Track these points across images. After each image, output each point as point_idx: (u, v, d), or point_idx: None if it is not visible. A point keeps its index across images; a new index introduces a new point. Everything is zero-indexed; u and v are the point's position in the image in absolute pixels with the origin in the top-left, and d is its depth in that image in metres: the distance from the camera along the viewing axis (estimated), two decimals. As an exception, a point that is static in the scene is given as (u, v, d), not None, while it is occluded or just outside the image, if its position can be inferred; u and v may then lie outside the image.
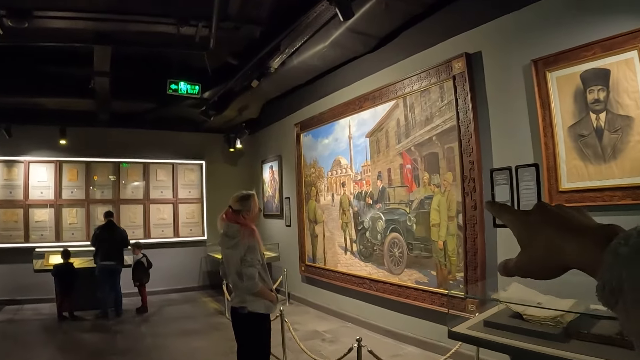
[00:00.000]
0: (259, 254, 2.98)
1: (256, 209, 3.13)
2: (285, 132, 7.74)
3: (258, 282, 2.89)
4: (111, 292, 6.40)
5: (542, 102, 3.45)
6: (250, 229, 2.98)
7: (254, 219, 3.10)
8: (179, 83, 5.27)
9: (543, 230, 0.52)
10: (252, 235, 2.96)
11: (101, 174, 8.32)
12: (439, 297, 4.26)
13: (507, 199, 3.70)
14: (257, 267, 2.92)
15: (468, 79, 4.00)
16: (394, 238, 4.96)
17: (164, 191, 8.75)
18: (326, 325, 5.65)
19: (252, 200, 3.10)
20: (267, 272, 3.07)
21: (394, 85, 4.96)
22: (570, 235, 0.49)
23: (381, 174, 5.23)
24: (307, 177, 7.04)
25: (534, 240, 0.53)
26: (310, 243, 6.85)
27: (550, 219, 0.52)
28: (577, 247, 0.48)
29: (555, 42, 3.35)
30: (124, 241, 6.65)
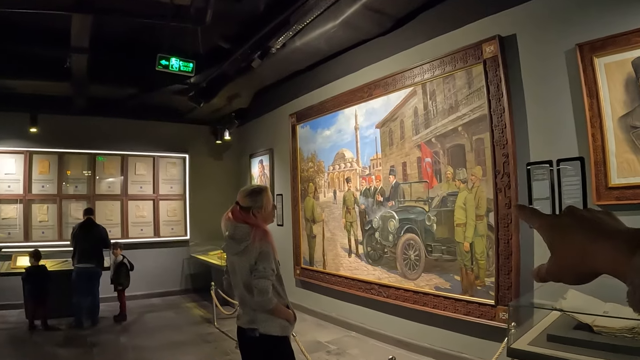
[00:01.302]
0: (274, 262, 2.54)
1: (270, 205, 2.67)
2: (278, 124, 7.47)
3: (272, 298, 2.45)
4: (87, 298, 6.02)
5: (589, 90, 3.30)
6: (262, 231, 2.55)
7: (267, 219, 2.67)
8: (170, 59, 4.90)
9: (573, 234, 0.53)
10: (265, 238, 2.53)
11: (75, 166, 7.92)
12: (465, 304, 4.07)
13: (547, 195, 3.52)
14: (272, 279, 2.48)
15: (502, 64, 3.80)
16: (409, 239, 4.74)
17: (144, 186, 8.43)
18: (328, 335, 5.39)
19: (265, 195, 2.66)
20: (282, 284, 2.64)
21: (411, 71, 4.75)
22: (601, 239, 0.50)
23: (394, 168, 5.01)
24: (303, 172, 6.78)
25: (565, 245, 0.54)
26: (307, 244, 6.59)
27: (581, 223, 0.54)
28: (607, 252, 0.49)
29: (603, 26, 3.21)
30: (104, 241, 6.26)
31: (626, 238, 0.48)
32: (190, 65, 5.04)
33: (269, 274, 2.46)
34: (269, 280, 2.45)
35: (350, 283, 5.59)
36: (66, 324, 6.02)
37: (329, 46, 5.50)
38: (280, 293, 2.58)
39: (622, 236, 0.49)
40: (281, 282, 2.63)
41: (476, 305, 3.95)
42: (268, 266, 2.46)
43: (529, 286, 3.61)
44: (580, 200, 3.34)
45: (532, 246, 3.63)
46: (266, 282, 2.44)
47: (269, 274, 2.46)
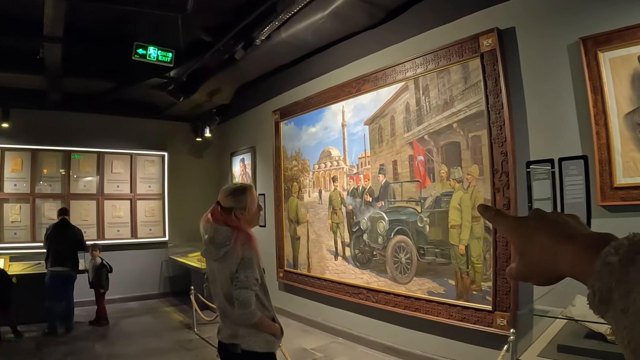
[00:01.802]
0: (258, 270, 2.29)
1: (255, 206, 2.41)
2: (261, 121, 7.25)
3: (256, 311, 2.21)
4: (61, 303, 5.74)
5: (594, 86, 3.18)
6: (245, 235, 2.29)
7: (252, 221, 2.41)
8: (148, 47, 4.62)
9: (538, 236, 0.55)
10: (248, 243, 2.27)
11: (49, 164, 7.59)
12: (460, 310, 3.91)
13: (548, 196, 3.40)
14: (255, 289, 2.23)
15: (500, 58, 3.65)
16: (400, 241, 4.58)
17: (121, 185, 8.13)
18: (314, 342, 5.19)
19: (249, 194, 2.39)
20: (267, 294, 2.38)
21: (403, 65, 4.59)
22: (563, 242, 0.52)
23: (384, 166, 4.83)
24: (287, 171, 6.56)
25: (530, 247, 0.56)
26: (291, 246, 6.38)
27: (545, 226, 0.55)
28: (569, 255, 0.51)
29: (608, 19, 3.11)
30: (80, 243, 5.96)
31: (588, 242, 0.49)
32: (169, 55, 4.77)
33: (251, 284, 2.21)
34: (251, 290, 2.21)
35: (337, 287, 5.39)
36: (39, 331, 5.73)
37: (317, 38, 5.30)
38: (265, 304, 2.33)
39: (584, 239, 0.50)
40: (266, 293, 2.38)
41: (472, 310, 3.80)
42: (251, 275, 2.22)
43: (529, 291, 3.48)
44: (583, 200, 3.23)
45: (532, 249, 3.48)
46: (248, 292, 2.20)
47: (252, 283, 2.21)
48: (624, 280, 0.41)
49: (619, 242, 0.45)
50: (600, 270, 0.44)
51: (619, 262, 0.42)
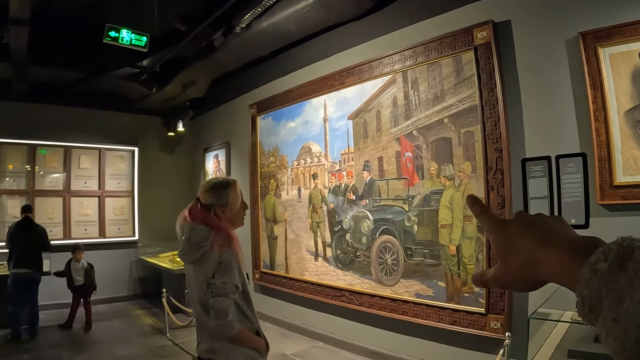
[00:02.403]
0: (239, 275, 2.05)
1: (238, 203, 2.18)
2: (237, 115, 7.02)
3: (234, 322, 1.98)
4: (25, 308, 5.43)
5: (593, 82, 3.13)
6: (225, 235, 2.07)
7: (235, 221, 2.19)
8: (121, 30, 4.31)
9: (520, 241, 0.53)
10: (228, 244, 2.04)
11: (13, 158, 7.19)
12: (450, 313, 3.80)
13: (545, 194, 3.32)
14: (233, 297, 2.00)
15: (495, 51, 3.56)
16: (386, 241, 4.44)
17: (89, 182, 7.79)
18: (294, 346, 5.00)
19: (232, 190, 2.17)
20: (251, 304, 2.14)
21: (391, 57, 4.46)
22: (548, 247, 0.50)
23: (369, 163, 4.69)
24: (264, 167, 6.35)
25: (511, 252, 0.54)
26: (268, 246, 6.17)
27: (528, 229, 0.53)
28: (554, 261, 0.49)
29: (608, 14, 3.07)
30: (44, 243, 5.59)
31: (574, 247, 0.48)
32: (144, 39, 4.48)
33: (229, 291, 1.97)
34: (229, 298, 1.97)
35: (317, 289, 5.22)
36: (1, 337, 5.42)
37: (299, 28, 5.11)
38: (247, 315, 2.10)
39: (570, 244, 0.49)
40: (249, 302, 2.13)
41: (463, 314, 3.70)
42: (229, 280, 1.98)
43: (523, 294, 3.39)
44: (582, 199, 3.17)
45: (527, 249, 3.40)
46: (225, 301, 1.95)
47: (230, 290, 1.98)
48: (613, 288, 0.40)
49: (607, 247, 0.44)
50: (588, 278, 0.42)
51: (608, 269, 0.41)
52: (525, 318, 3.34)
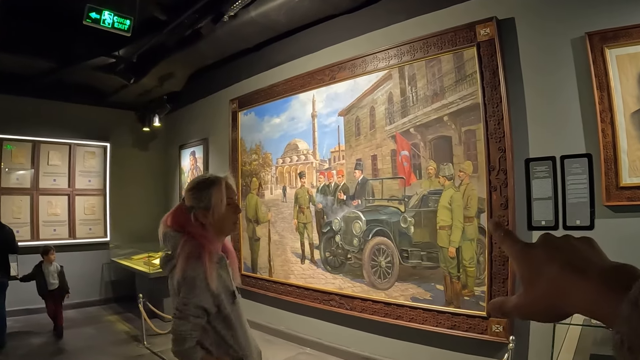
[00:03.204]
0: (209, 295, 1.78)
1: (221, 206, 1.89)
2: (216, 110, 6.88)
3: (192, 352, 1.76)
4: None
5: (600, 83, 3.20)
6: (194, 245, 1.81)
7: (221, 226, 1.93)
8: (103, 12, 4.10)
9: (547, 267, 0.50)
10: (196, 255, 1.78)
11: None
12: (449, 317, 3.80)
13: (549, 195, 3.35)
14: (196, 321, 1.76)
15: (499, 48, 3.58)
16: (380, 243, 4.41)
17: (58, 179, 7.49)
18: (280, 353, 4.91)
19: (215, 190, 1.90)
20: (232, 327, 1.86)
21: (386, 52, 4.43)
22: (578, 276, 0.47)
23: (361, 161, 4.65)
24: (245, 165, 6.23)
25: (537, 280, 0.51)
26: (249, 248, 6.06)
27: (555, 254, 0.50)
28: (585, 292, 0.46)
29: (615, 16, 3.13)
30: (11, 245, 5.29)
31: (607, 276, 0.45)
32: (127, 23, 4.29)
33: (190, 313, 1.74)
34: (189, 322, 1.74)
35: (304, 293, 5.14)
36: None
37: (289, 20, 5.04)
38: (227, 341, 1.84)
39: (604, 274, 0.45)
40: (230, 326, 1.85)
41: (463, 317, 3.70)
42: (191, 301, 1.74)
43: (526, 296, 3.41)
44: (587, 200, 3.21)
45: (531, 252, 3.42)
46: (184, 325, 1.74)
47: (190, 313, 1.74)
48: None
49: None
50: (629, 314, 0.39)
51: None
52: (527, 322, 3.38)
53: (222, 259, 1.92)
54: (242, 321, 1.94)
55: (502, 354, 3.35)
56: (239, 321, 1.90)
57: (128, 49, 5.53)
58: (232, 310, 1.86)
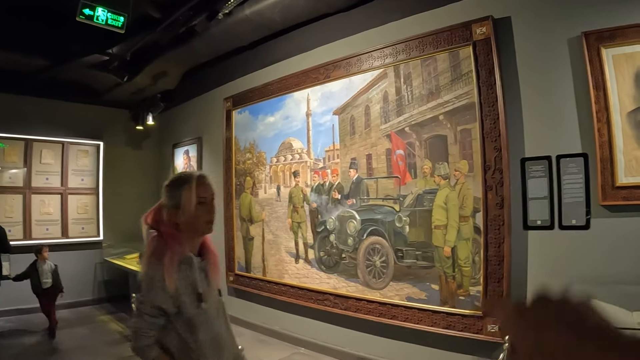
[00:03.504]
0: (167, 296, 1.74)
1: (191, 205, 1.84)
2: (210, 109, 6.85)
3: (147, 351, 1.75)
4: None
5: (596, 82, 3.20)
6: (160, 243, 1.80)
7: (194, 226, 1.87)
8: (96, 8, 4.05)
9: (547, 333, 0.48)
10: (156, 255, 1.77)
11: None
12: (444, 316, 3.80)
13: (545, 194, 3.35)
14: (151, 320, 1.76)
15: (495, 47, 3.57)
16: (375, 243, 4.40)
17: (51, 178, 7.41)
18: (275, 353, 4.88)
19: (186, 189, 1.86)
20: (195, 332, 1.79)
21: (382, 51, 4.42)
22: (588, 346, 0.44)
23: (356, 160, 4.64)
24: (239, 164, 6.20)
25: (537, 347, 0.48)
26: (243, 248, 6.03)
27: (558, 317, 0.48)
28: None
29: (611, 15, 3.14)
30: (3, 244, 5.26)
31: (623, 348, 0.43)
32: (121, 19, 4.24)
33: (145, 312, 1.75)
34: (144, 321, 1.75)
35: (298, 293, 5.13)
36: None
37: (284, 18, 5.01)
38: (190, 345, 1.78)
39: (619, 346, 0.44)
40: (193, 329, 1.78)
41: (459, 317, 3.69)
42: (147, 300, 1.75)
43: (522, 295, 3.41)
44: (583, 200, 3.21)
45: (526, 251, 3.44)
46: (139, 322, 1.76)
47: (146, 312, 1.75)
48: None
49: None
50: None
51: None
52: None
53: (191, 259, 1.85)
54: (212, 326, 1.86)
55: (498, 353, 3.35)
56: (205, 326, 1.82)
57: (122, 47, 5.48)
58: (198, 314, 1.80)
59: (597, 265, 3.08)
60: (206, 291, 1.87)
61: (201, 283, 1.85)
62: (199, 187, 1.89)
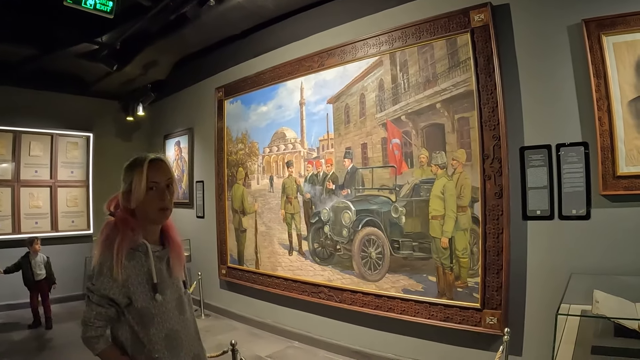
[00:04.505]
0: (116, 286, 1.66)
1: (141, 190, 1.74)
2: (201, 99, 6.75)
3: (95, 341, 1.68)
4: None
5: (597, 70, 3.17)
6: (112, 230, 1.73)
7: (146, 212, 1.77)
8: (84, -7, 3.95)
9: None
10: (107, 242, 1.69)
11: None
12: (442, 309, 3.76)
13: (545, 184, 3.32)
14: (99, 310, 1.67)
15: (494, 34, 3.51)
16: (370, 234, 4.35)
17: (39, 170, 7.29)
18: (268, 347, 4.84)
19: (137, 171, 1.76)
20: (148, 326, 1.69)
21: (377, 38, 4.36)
22: None
23: (351, 150, 4.58)
24: (231, 155, 6.12)
25: None
26: (235, 240, 5.96)
27: None
28: None
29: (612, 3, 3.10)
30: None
31: None
32: (110, 4, 4.13)
33: (93, 301, 1.67)
34: (92, 310, 1.67)
35: (292, 285, 5.07)
36: None
37: (277, 5, 4.94)
38: (141, 339, 1.69)
39: None
40: (144, 322, 1.69)
41: (457, 309, 3.66)
42: (96, 288, 1.66)
43: (521, 286, 3.39)
44: (583, 189, 3.18)
45: (525, 242, 3.41)
46: (88, 312, 1.68)
47: (94, 300, 1.67)
48: None
49: None
50: None
51: None
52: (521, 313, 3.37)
53: (145, 246, 1.74)
54: (167, 320, 1.74)
55: (497, 346, 3.32)
56: (159, 319, 1.71)
57: (111, 35, 5.35)
58: (151, 306, 1.69)
59: (598, 256, 3.06)
60: (165, 282, 1.77)
61: (159, 273, 1.75)
62: (151, 170, 1.77)
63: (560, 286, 3.09)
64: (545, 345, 3.17)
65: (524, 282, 3.40)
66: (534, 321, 3.35)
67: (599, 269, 3.02)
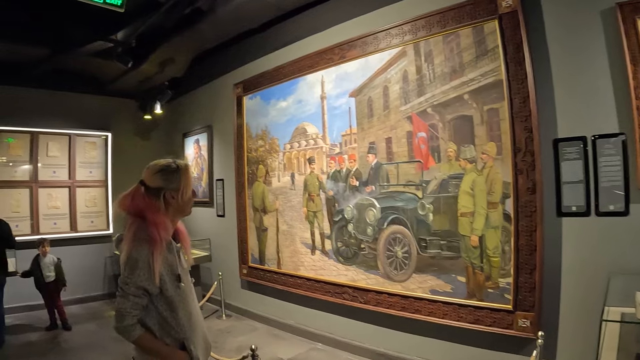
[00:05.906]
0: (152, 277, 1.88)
1: (189, 190, 2.13)
2: (220, 96, 6.82)
3: (132, 328, 1.90)
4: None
5: (633, 57, 3.08)
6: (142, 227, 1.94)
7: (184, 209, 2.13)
8: (94, -14, 3.99)
9: None
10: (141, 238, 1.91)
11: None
12: (471, 310, 3.72)
13: (580, 178, 3.24)
14: (136, 300, 1.90)
15: (523, 21, 3.44)
16: (396, 232, 4.32)
17: (58, 171, 7.49)
18: (290, 349, 4.87)
19: (184, 174, 2.12)
20: (175, 311, 1.99)
21: (400, 28, 4.32)
22: None
23: (375, 145, 4.55)
24: (251, 152, 6.15)
25: None
26: (256, 239, 6.00)
27: None
28: None
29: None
30: (8, 240, 5.27)
31: None
32: (120, -3, 4.17)
33: (130, 292, 1.89)
34: (128, 301, 1.89)
35: (315, 286, 5.08)
36: None
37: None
38: (170, 323, 1.98)
39: None
40: (173, 308, 1.98)
41: (487, 311, 3.61)
42: (132, 280, 1.88)
43: (555, 287, 3.33)
44: (621, 183, 3.10)
45: (560, 239, 3.33)
46: (124, 303, 1.90)
47: (131, 292, 1.89)
48: None
49: None
50: None
51: None
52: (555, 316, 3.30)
53: (171, 243, 2.06)
54: (188, 305, 2.06)
55: (529, 350, 3.28)
56: (182, 304, 2.02)
57: (126, 32, 5.44)
58: (177, 294, 2.00)
59: (638, 254, 2.97)
60: (184, 271, 2.10)
61: (179, 265, 2.06)
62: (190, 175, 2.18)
63: (597, 287, 3.03)
64: (581, 350, 3.12)
65: (559, 283, 3.33)
66: (569, 324, 3.29)
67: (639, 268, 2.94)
